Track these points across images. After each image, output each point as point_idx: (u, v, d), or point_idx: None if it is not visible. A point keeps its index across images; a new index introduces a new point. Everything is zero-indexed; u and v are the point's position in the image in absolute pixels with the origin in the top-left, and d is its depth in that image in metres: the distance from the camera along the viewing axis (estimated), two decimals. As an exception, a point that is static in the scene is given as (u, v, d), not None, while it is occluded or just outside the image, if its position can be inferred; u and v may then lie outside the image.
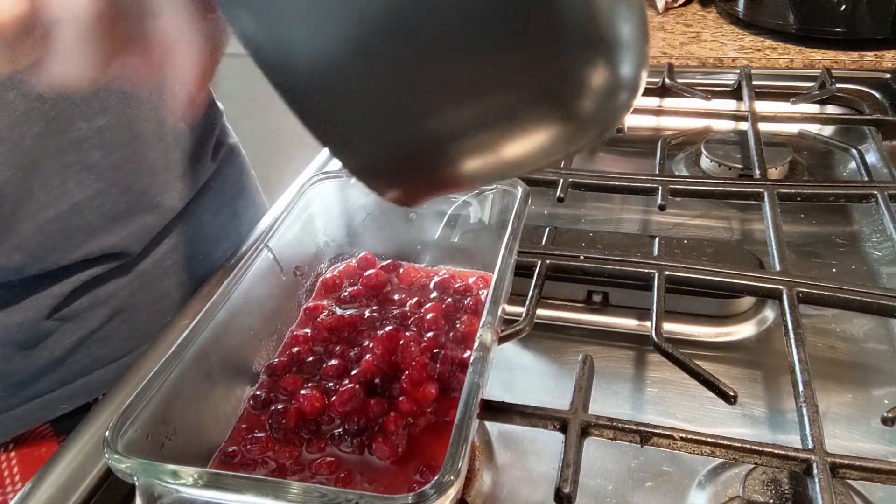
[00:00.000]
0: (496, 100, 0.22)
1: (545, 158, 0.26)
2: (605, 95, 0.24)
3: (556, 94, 0.23)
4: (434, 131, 0.23)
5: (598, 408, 0.39)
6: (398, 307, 0.45)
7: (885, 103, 0.76)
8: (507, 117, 0.23)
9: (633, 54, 0.23)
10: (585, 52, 0.22)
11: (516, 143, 0.24)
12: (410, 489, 0.34)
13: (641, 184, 0.60)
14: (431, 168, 0.25)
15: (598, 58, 0.22)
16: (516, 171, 0.27)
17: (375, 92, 0.22)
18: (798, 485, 0.38)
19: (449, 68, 0.21)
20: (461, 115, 0.23)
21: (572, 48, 0.22)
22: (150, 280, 0.59)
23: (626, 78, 0.24)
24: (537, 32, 0.21)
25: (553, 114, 0.24)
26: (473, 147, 0.24)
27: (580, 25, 0.22)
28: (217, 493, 0.29)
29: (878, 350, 0.48)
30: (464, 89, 0.22)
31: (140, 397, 0.32)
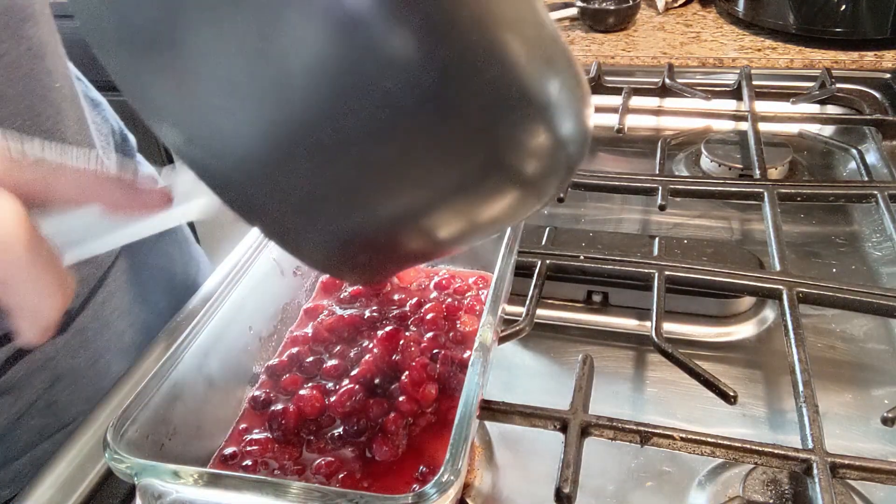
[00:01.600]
0: (442, 180, 0.22)
1: (509, 222, 0.26)
2: (552, 153, 0.23)
3: (501, 163, 0.22)
4: (384, 217, 0.23)
5: (598, 408, 0.39)
6: (398, 307, 0.45)
7: (885, 103, 0.76)
8: (460, 194, 0.23)
9: (570, 107, 0.23)
10: (518, 119, 0.22)
11: (476, 214, 0.24)
12: (410, 489, 0.34)
13: (641, 184, 0.60)
14: (389, 249, 0.25)
15: (531, 122, 0.22)
16: (479, 238, 0.27)
17: (314, 186, 0.21)
18: (798, 485, 0.38)
19: (384, 157, 0.21)
20: (411, 199, 0.22)
21: (504, 117, 0.21)
22: (90, 336, 0.54)
23: (568, 133, 0.23)
24: (467, 111, 0.21)
25: (505, 182, 0.23)
26: (432, 225, 0.24)
27: (507, 95, 0.21)
28: (217, 493, 0.29)
29: (878, 350, 0.48)
30: (406, 175, 0.22)
31: (140, 397, 0.32)
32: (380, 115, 0.19)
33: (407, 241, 0.24)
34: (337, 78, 0.19)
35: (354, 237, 0.23)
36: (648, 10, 1.06)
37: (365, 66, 0.18)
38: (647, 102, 0.80)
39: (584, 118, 0.24)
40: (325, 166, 0.21)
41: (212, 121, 0.20)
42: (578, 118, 0.23)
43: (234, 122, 0.20)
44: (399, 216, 0.23)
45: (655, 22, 1.02)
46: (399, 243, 0.24)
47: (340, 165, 0.21)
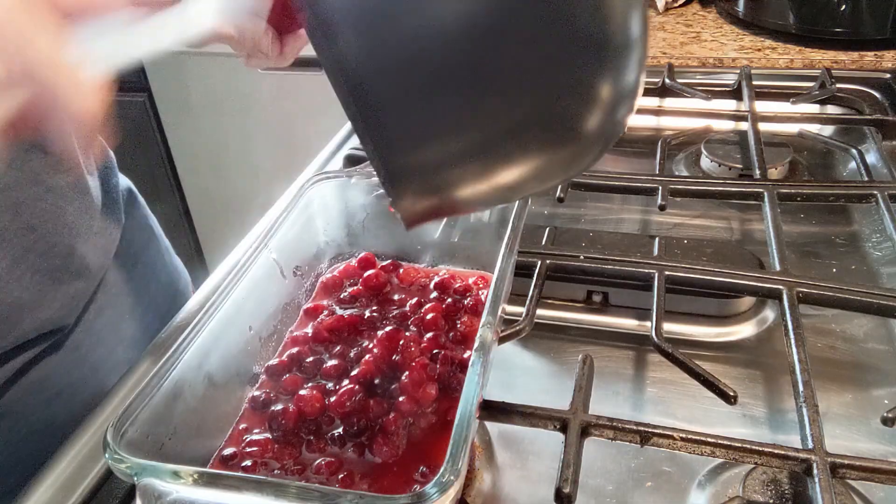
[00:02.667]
0: (512, 119, 0.24)
1: (551, 180, 0.27)
2: (609, 109, 0.24)
3: (563, 113, 0.24)
4: (464, 152, 0.25)
5: (598, 408, 0.39)
6: (398, 307, 0.45)
7: (885, 103, 0.76)
8: (522, 137, 0.24)
9: (634, 62, 0.24)
10: (590, 70, 0.23)
11: (527, 165, 0.25)
12: (411, 489, 0.34)
13: (641, 184, 0.60)
14: (456, 185, 0.26)
15: (602, 73, 0.24)
16: (515, 196, 0.28)
17: (431, 107, 0.23)
18: (798, 485, 0.38)
19: (472, 96, 0.23)
20: (482, 137, 0.24)
21: (583, 62, 0.23)
22: (84, 352, 0.53)
23: (627, 87, 0.24)
24: (541, 59, 0.23)
25: (561, 137, 0.25)
26: (486, 166, 0.25)
27: (590, 35, 0.23)
28: (217, 493, 0.29)
29: (878, 350, 0.48)
30: (486, 113, 0.24)
31: (140, 397, 0.32)
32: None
33: (465, 178, 0.26)
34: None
35: (436, 161, 0.25)
36: (648, 10, 1.06)
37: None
38: (647, 102, 0.80)
39: (641, 75, 0.25)
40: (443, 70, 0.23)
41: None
42: (638, 73, 0.25)
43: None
44: (474, 153, 0.25)
45: (655, 22, 1.02)
46: (462, 179, 0.26)
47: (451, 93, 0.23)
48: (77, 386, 0.52)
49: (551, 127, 0.24)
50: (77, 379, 0.52)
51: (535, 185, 0.27)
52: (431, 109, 0.23)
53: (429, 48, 0.22)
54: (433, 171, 0.25)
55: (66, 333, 0.52)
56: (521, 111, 0.24)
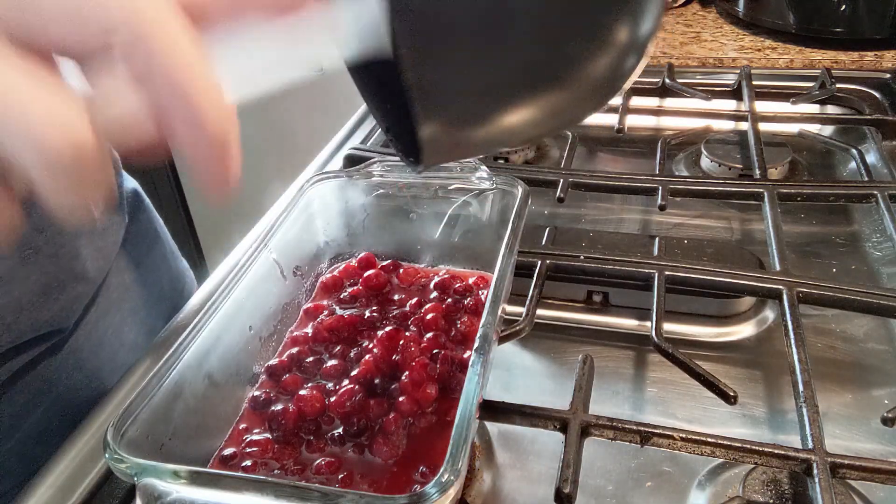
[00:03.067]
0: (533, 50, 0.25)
1: (549, 123, 0.28)
2: (619, 55, 0.26)
3: (575, 51, 0.25)
4: (486, 80, 0.25)
5: (598, 408, 0.39)
6: (398, 307, 0.45)
7: (885, 103, 0.76)
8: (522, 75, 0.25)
9: (655, 9, 0.26)
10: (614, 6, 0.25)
11: (525, 105, 0.26)
12: (411, 489, 0.34)
13: (641, 184, 0.60)
14: (484, 118, 0.27)
15: (622, 13, 0.25)
16: (516, 140, 0.29)
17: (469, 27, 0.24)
18: (798, 485, 0.38)
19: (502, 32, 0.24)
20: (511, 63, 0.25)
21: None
22: (85, 355, 0.52)
23: (641, 35, 0.26)
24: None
25: (563, 75, 0.26)
26: (511, 95, 0.26)
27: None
28: (217, 493, 0.28)
29: (878, 350, 0.48)
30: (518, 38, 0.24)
31: (140, 397, 0.32)
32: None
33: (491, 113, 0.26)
34: None
35: (472, 90, 0.26)
36: None
37: None
38: (647, 102, 0.80)
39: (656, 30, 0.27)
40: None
41: None
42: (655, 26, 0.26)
43: None
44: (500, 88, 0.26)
45: None
46: (488, 112, 0.26)
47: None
48: (76, 389, 0.52)
49: (561, 63, 0.25)
50: (76, 382, 0.52)
51: (541, 125, 0.27)
52: (474, 29, 0.24)
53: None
54: (464, 101, 0.26)
55: (65, 336, 0.51)
56: (539, 44, 0.25)
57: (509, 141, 0.30)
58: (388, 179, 0.48)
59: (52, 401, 0.50)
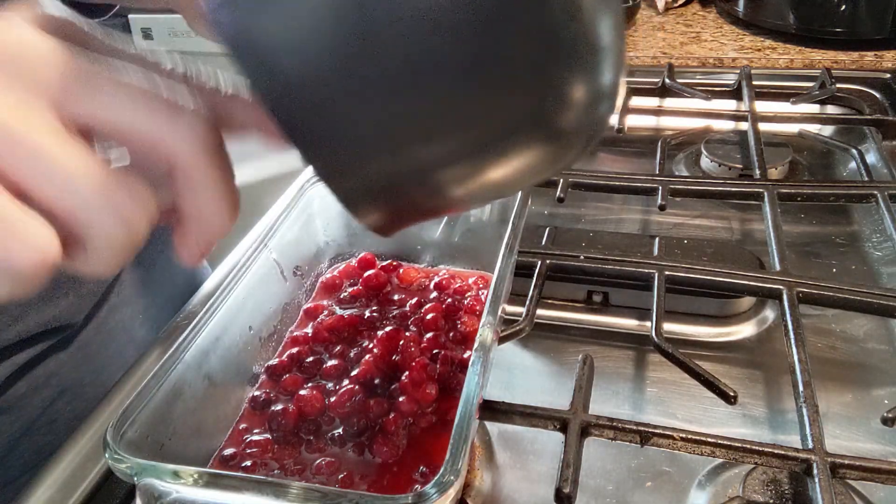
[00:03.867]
0: (478, 127, 0.22)
1: (533, 178, 0.26)
2: (588, 107, 0.23)
3: (538, 114, 0.23)
4: (419, 159, 0.23)
5: (598, 408, 0.39)
6: (398, 307, 0.45)
7: (885, 103, 0.76)
8: (492, 142, 0.23)
9: (612, 60, 0.23)
10: (565, 67, 0.22)
11: (501, 167, 0.24)
12: (411, 489, 0.34)
13: (641, 184, 0.60)
14: (417, 194, 0.25)
15: (578, 71, 0.22)
16: (503, 194, 0.27)
17: (363, 114, 0.22)
18: (798, 485, 0.38)
19: (427, 97, 0.21)
20: (446, 143, 0.22)
21: (552, 65, 0.22)
22: (93, 350, 0.53)
23: (606, 86, 0.23)
24: (515, 54, 0.21)
25: (537, 134, 0.23)
26: (460, 174, 0.24)
27: (559, 40, 0.21)
28: (217, 493, 0.28)
29: (878, 350, 0.48)
30: (445, 117, 0.22)
31: (140, 397, 0.32)
32: (424, 54, 0.20)
33: (433, 185, 0.24)
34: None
35: (387, 173, 0.23)
36: (648, 10, 1.06)
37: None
38: (646, 102, 0.80)
39: (620, 75, 0.24)
40: (376, 93, 0.21)
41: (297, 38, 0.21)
42: (618, 72, 0.24)
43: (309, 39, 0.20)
44: (432, 159, 0.23)
45: (655, 22, 1.02)
46: (426, 187, 0.24)
47: (390, 96, 0.21)
48: (84, 384, 0.52)
49: (523, 129, 0.23)
50: (84, 377, 0.52)
51: (513, 184, 0.25)
52: (384, 118, 0.22)
53: (379, 49, 0.20)
54: (396, 184, 0.24)
55: (75, 331, 0.51)
56: (486, 115, 0.22)
57: (449, 208, 0.28)
58: (388, 179, 0.48)
59: (60, 393, 0.51)
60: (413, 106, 0.21)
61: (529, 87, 0.22)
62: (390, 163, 0.23)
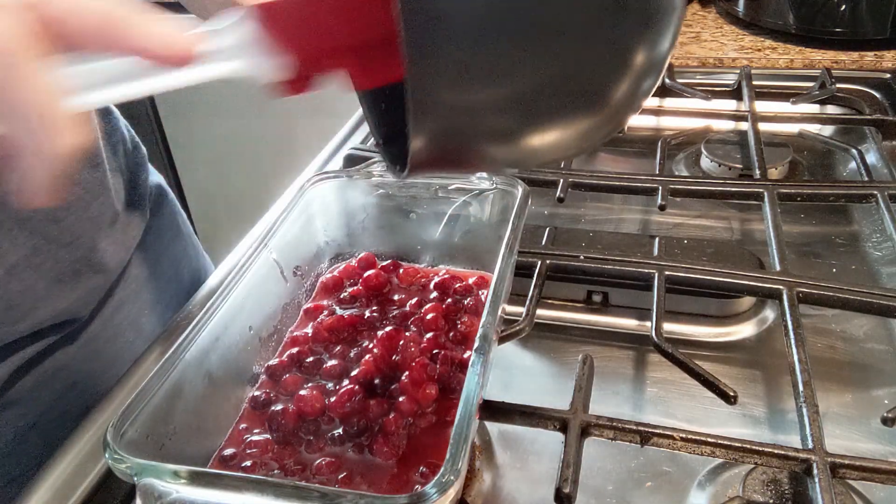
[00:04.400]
0: (548, 72, 0.25)
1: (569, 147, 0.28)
2: (640, 76, 0.26)
3: (594, 76, 0.25)
4: (493, 102, 0.25)
5: (598, 408, 0.39)
6: (398, 307, 0.45)
7: (885, 103, 0.76)
8: (552, 95, 0.25)
9: (672, 31, 0.25)
10: (630, 30, 0.24)
11: (553, 124, 0.26)
12: (411, 489, 0.34)
13: (641, 184, 0.60)
14: (478, 132, 0.26)
15: (640, 37, 0.25)
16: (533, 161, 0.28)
17: (470, 46, 0.24)
18: (798, 485, 0.38)
19: (512, 42, 0.24)
20: (517, 84, 0.25)
21: (618, 25, 0.24)
22: (100, 344, 0.53)
23: (661, 56, 0.26)
24: (584, 16, 0.24)
25: (583, 100, 0.26)
26: (512, 121, 0.26)
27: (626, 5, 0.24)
28: (217, 493, 0.28)
29: (878, 350, 0.48)
30: (521, 62, 0.24)
31: (140, 397, 0.32)
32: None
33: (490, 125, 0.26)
34: None
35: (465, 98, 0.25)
36: None
37: None
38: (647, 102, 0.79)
39: (674, 47, 0.27)
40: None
41: None
42: (672, 44, 0.26)
43: None
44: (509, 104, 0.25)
45: None
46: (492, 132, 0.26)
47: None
48: (91, 378, 0.53)
49: (580, 88, 0.25)
50: (92, 371, 0.53)
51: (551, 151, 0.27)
52: (472, 50, 0.24)
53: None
54: (460, 113, 0.25)
55: (82, 325, 0.52)
56: (555, 69, 0.24)
57: (511, 162, 0.30)
58: (388, 179, 0.48)
59: (69, 387, 0.51)
60: (511, 36, 0.24)
61: (595, 47, 0.24)
62: (478, 83, 0.25)
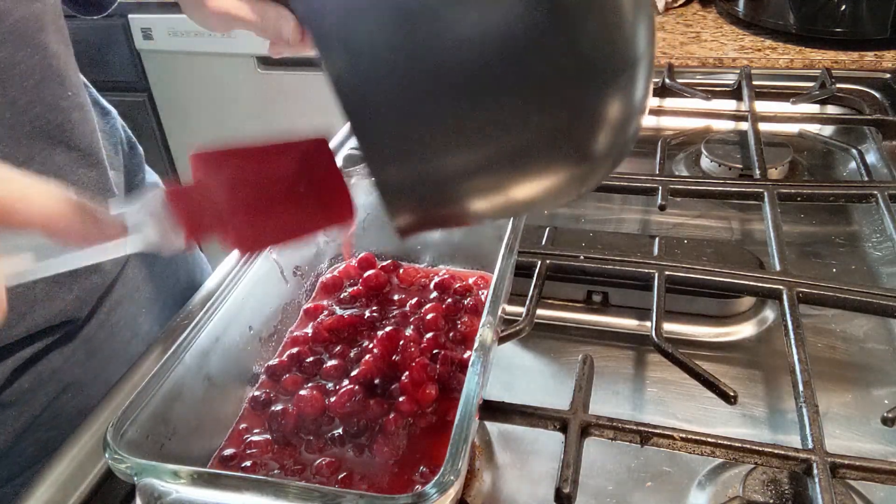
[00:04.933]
0: (516, 136, 0.23)
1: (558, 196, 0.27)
2: (618, 128, 0.24)
3: (570, 136, 0.24)
4: (455, 162, 0.24)
5: (598, 408, 0.39)
6: (398, 307, 0.45)
7: (885, 103, 0.76)
8: (527, 153, 0.24)
9: (644, 82, 0.24)
10: (599, 87, 0.23)
11: (531, 180, 0.25)
12: (411, 489, 0.34)
13: (641, 184, 0.60)
14: (448, 196, 0.26)
15: (610, 92, 0.23)
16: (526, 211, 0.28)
17: (419, 110, 0.23)
18: (798, 485, 0.38)
19: (473, 104, 0.23)
20: (483, 148, 0.24)
21: (586, 84, 0.23)
22: (97, 345, 0.53)
23: (636, 106, 0.24)
24: (551, 72, 0.22)
25: (568, 157, 0.24)
26: (486, 185, 0.25)
27: (594, 61, 0.22)
28: (217, 493, 0.29)
29: (878, 350, 0.48)
30: (486, 123, 0.23)
31: (140, 397, 0.32)
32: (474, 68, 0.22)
33: (462, 193, 0.26)
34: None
35: (431, 175, 0.25)
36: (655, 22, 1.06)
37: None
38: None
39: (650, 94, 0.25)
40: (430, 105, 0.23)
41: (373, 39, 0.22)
42: (647, 92, 0.25)
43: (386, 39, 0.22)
44: (469, 168, 0.24)
45: (655, 22, 1.02)
46: (458, 194, 0.26)
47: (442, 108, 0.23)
48: (87, 379, 0.53)
49: (557, 147, 0.24)
50: (88, 372, 0.53)
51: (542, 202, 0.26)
52: (431, 122, 0.23)
53: (431, 61, 0.22)
54: (429, 184, 0.25)
55: (79, 326, 0.52)
56: (521, 130, 0.23)
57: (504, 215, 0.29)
58: (388, 179, 0.48)
59: (64, 389, 0.51)
60: (458, 110, 0.23)
61: (564, 104, 0.23)
62: (432, 160, 0.24)
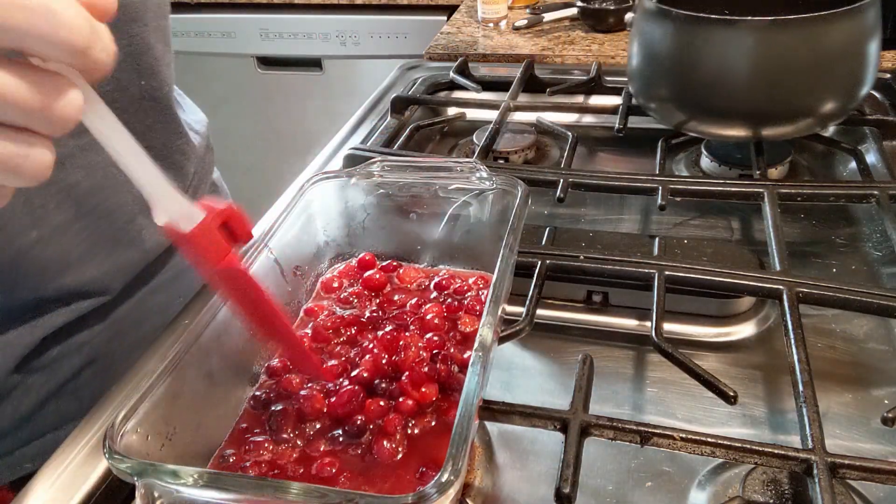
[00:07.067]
0: None
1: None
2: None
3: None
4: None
5: (598, 408, 0.39)
6: (398, 308, 0.45)
7: (885, 103, 0.76)
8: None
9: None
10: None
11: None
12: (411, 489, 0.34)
13: (641, 184, 0.60)
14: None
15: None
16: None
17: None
18: (798, 485, 0.38)
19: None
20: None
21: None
22: (128, 326, 0.55)
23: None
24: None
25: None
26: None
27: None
28: (217, 493, 0.29)
29: (878, 350, 0.48)
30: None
31: (140, 397, 0.32)
32: None
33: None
34: None
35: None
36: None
37: None
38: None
39: None
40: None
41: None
42: None
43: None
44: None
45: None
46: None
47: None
48: (113, 358, 0.55)
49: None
50: (116, 349, 0.55)
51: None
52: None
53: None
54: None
55: (113, 303, 0.54)
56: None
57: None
58: (388, 179, 0.48)
59: (89, 361, 0.53)
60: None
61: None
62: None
